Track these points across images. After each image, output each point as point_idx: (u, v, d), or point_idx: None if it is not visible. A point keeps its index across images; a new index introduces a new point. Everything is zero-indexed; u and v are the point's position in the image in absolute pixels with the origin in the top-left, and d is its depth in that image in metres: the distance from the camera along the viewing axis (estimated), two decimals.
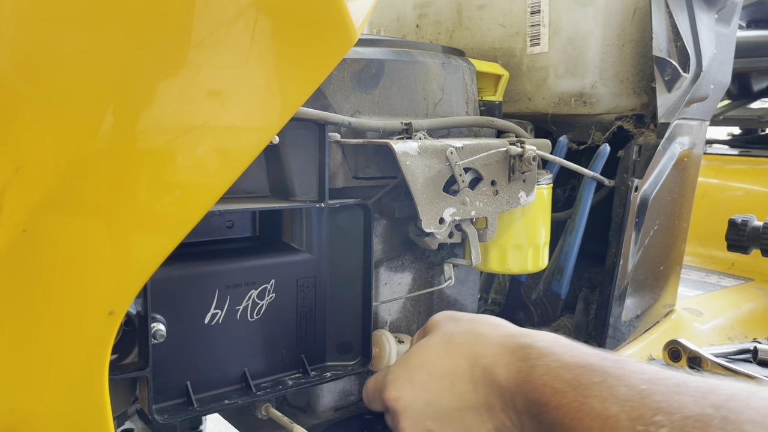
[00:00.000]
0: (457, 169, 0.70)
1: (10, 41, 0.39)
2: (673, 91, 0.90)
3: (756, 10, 1.92)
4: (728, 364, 0.87)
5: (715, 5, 0.98)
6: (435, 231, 0.70)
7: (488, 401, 0.54)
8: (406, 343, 0.80)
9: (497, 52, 1.01)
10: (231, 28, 0.47)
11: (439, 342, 0.59)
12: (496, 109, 0.93)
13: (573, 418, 0.46)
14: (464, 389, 0.55)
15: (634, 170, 0.92)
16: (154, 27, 0.44)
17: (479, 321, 0.61)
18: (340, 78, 0.71)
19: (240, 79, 0.48)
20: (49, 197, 0.42)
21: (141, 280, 0.48)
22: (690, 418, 0.40)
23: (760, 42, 1.85)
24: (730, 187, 1.65)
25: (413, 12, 1.15)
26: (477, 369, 0.55)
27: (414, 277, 0.84)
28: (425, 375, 0.58)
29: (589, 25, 0.90)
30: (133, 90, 0.44)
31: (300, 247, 0.70)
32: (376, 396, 0.63)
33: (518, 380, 0.51)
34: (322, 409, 0.79)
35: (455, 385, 0.56)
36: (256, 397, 0.66)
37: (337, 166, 0.71)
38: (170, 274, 0.60)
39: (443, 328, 0.61)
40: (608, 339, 0.94)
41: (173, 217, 0.47)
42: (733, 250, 1.16)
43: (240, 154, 0.50)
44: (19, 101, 0.40)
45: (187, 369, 0.63)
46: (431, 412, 0.57)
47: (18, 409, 0.45)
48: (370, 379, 0.65)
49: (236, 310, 0.65)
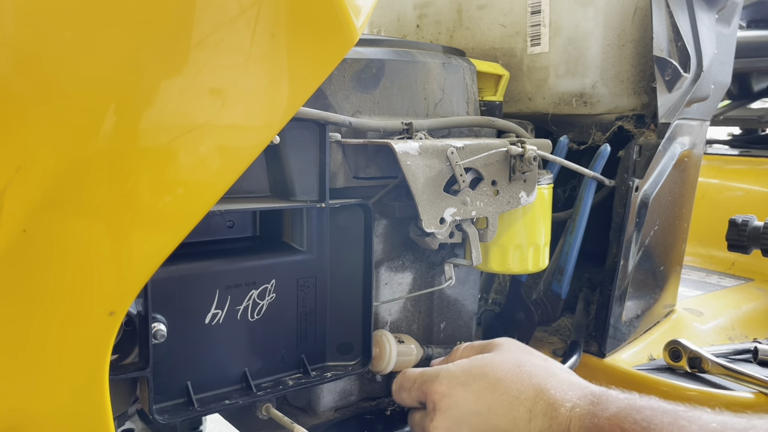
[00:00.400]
0: (458, 169, 0.70)
1: (10, 41, 0.39)
2: (673, 91, 0.90)
3: (756, 10, 1.92)
4: (729, 364, 0.87)
5: (715, 5, 0.98)
6: (435, 231, 0.70)
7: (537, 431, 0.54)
8: (407, 343, 0.80)
9: (498, 52, 1.01)
10: (232, 27, 0.47)
11: (509, 363, 0.59)
12: (496, 109, 0.93)
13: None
14: (519, 415, 0.55)
15: (634, 170, 0.92)
16: (155, 26, 0.44)
17: (553, 362, 0.61)
18: (341, 78, 0.71)
19: (241, 79, 0.48)
20: (49, 197, 0.42)
21: (141, 280, 0.48)
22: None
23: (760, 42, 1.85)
24: (730, 187, 1.65)
25: (413, 12, 1.15)
26: (541, 402, 0.55)
27: (414, 277, 0.84)
28: (484, 386, 0.58)
29: (589, 25, 0.90)
30: (134, 89, 0.44)
31: (300, 247, 0.70)
32: (416, 386, 0.63)
33: (583, 421, 0.51)
34: (322, 409, 0.79)
35: (512, 408, 0.56)
36: (257, 397, 0.66)
37: (337, 166, 0.71)
38: (171, 274, 0.60)
39: (514, 352, 0.61)
40: (608, 339, 0.94)
41: (174, 217, 0.47)
42: (734, 250, 1.15)
43: (241, 154, 0.50)
44: (20, 101, 0.40)
45: (188, 369, 0.63)
46: (475, 422, 0.57)
47: (19, 409, 0.45)
48: (414, 369, 0.65)
49: (237, 310, 0.65)
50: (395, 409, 0.82)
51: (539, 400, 0.55)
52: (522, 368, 0.58)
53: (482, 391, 0.58)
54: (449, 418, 0.58)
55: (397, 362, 0.78)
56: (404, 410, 0.82)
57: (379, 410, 0.82)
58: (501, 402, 0.57)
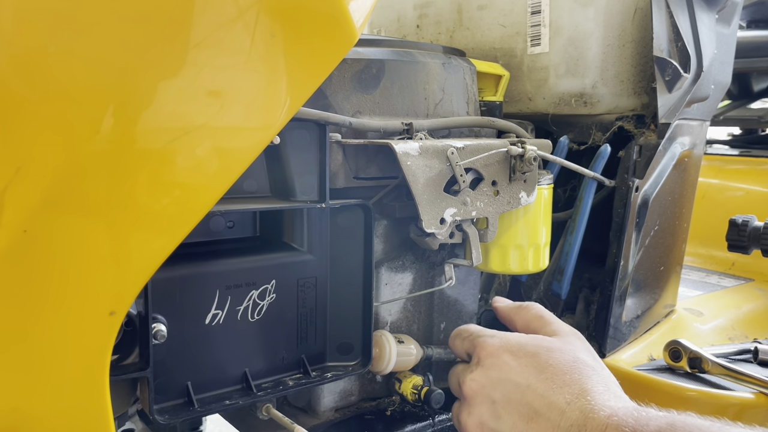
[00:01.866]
0: (458, 169, 0.70)
1: (10, 41, 0.39)
2: (673, 91, 0.90)
3: (756, 10, 1.92)
4: (729, 364, 0.87)
5: (715, 5, 0.98)
6: (436, 231, 0.70)
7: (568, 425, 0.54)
8: (406, 344, 0.80)
9: (498, 53, 1.01)
10: (231, 28, 0.47)
11: (566, 355, 0.60)
12: (496, 109, 0.93)
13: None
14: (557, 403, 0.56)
15: (634, 170, 0.92)
16: (154, 27, 0.44)
17: (608, 372, 0.62)
18: (341, 78, 0.71)
19: (240, 79, 0.48)
20: (49, 197, 0.42)
21: (142, 281, 0.48)
22: None
23: (760, 42, 1.85)
24: (730, 188, 1.65)
25: (414, 12, 1.15)
26: (582, 399, 0.55)
27: (414, 278, 0.84)
28: (532, 364, 0.59)
29: (589, 26, 0.90)
30: (134, 90, 0.44)
31: (301, 248, 0.70)
32: (471, 337, 0.65)
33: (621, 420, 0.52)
34: (322, 410, 0.79)
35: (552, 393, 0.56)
36: (257, 397, 0.66)
37: (337, 167, 0.71)
38: (171, 275, 0.60)
39: (576, 348, 0.61)
40: (609, 339, 0.94)
41: (174, 217, 0.47)
42: (734, 250, 1.15)
43: (241, 155, 0.50)
44: (20, 101, 0.40)
45: (188, 369, 0.63)
46: (509, 390, 0.58)
47: (19, 409, 0.45)
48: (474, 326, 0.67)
49: (237, 310, 0.65)
50: (395, 410, 0.82)
51: (581, 397, 0.55)
52: (576, 364, 0.59)
53: (528, 366, 0.58)
54: (488, 377, 0.59)
55: (397, 362, 0.78)
56: (404, 410, 0.82)
57: (380, 410, 0.82)
58: (543, 384, 0.57)
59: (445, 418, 0.81)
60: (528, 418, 0.56)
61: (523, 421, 0.57)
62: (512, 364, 0.59)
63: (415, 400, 0.80)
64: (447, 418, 0.81)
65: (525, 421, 0.57)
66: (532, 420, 0.56)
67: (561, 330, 0.65)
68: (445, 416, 0.81)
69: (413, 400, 0.80)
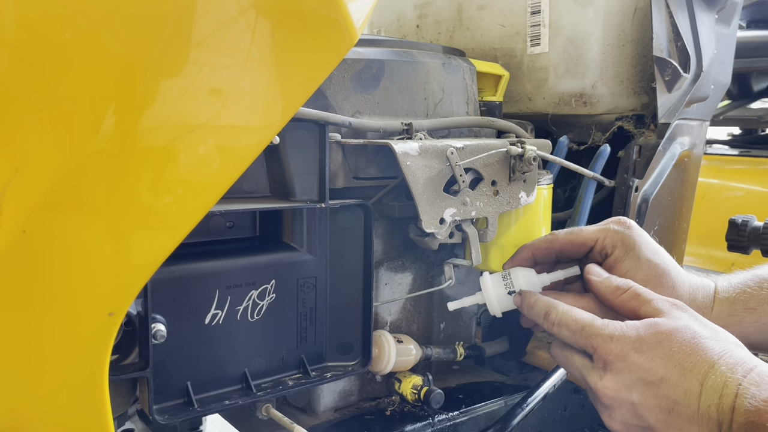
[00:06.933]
0: (458, 169, 0.70)
1: (10, 41, 0.39)
2: (673, 91, 0.90)
3: (756, 10, 1.92)
4: None
5: (715, 5, 0.98)
6: (435, 231, 0.70)
7: (706, 406, 0.55)
8: (406, 343, 0.80)
9: (497, 53, 1.01)
10: (232, 28, 0.47)
11: (684, 334, 0.60)
12: (496, 109, 0.93)
13: None
14: (692, 388, 0.57)
15: (634, 170, 0.92)
16: (155, 26, 0.44)
17: (724, 333, 0.62)
18: (341, 78, 0.71)
19: (240, 79, 0.48)
20: (49, 197, 0.42)
21: (141, 281, 0.48)
22: None
23: (760, 42, 1.85)
24: (730, 188, 1.66)
25: (413, 12, 1.15)
26: (712, 376, 0.56)
27: (414, 278, 0.84)
28: (658, 356, 0.59)
29: (589, 26, 0.90)
30: (134, 89, 0.44)
31: (300, 248, 0.70)
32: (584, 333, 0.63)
33: (744, 401, 0.53)
34: (322, 410, 0.79)
35: (685, 380, 0.57)
36: (257, 397, 0.66)
37: (337, 167, 0.71)
38: (171, 275, 0.60)
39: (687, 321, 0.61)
40: None
41: (174, 217, 0.47)
42: (734, 250, 1.15)
43: (240, 154, 0.50)
44: (19, 101, 0.40)
45: (188, 369, 0.63)
46: (645, 390, 0.59)
47: (18, 409, 0.45)
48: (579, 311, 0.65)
49: (237, 310, 0.65)
50: (395, 410, 0.82)
51: (711, 374, 0.56)
52: (697, 341, 0.59)
53: (655, 360, 0.59)
54: (620, 381, 0.60)
55: (397, 362, 0.78)
56: (404, 410, 0.82)
57: (379, 410, 0.82)
58: (674, 373, 0.58)
59: (444, 417, 0.81)
60: (668, 409, 0.58)
61: (665, 412, 0.58)
62: (640, 362, 0.59)
63: (415, 400, 0.80)
64: (447, 417, 0.82)
65: (666, 412, 0.58)
66: (673, 411, 0.58)
67: (663, 308, 0.64)
68: (444, 416, 0.81)
69: (413, 400, 0.80)
